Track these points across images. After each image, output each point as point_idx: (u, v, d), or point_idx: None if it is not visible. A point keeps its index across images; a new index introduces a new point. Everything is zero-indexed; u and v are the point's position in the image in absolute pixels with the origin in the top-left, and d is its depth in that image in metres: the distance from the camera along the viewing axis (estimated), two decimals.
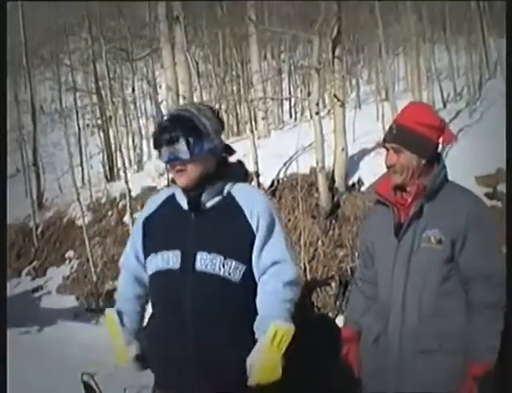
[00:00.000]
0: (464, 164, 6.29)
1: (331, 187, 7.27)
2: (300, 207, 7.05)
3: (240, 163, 2.48)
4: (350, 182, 7.47)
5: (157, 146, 2.31)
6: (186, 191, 2.33)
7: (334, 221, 7.05)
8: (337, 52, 7.20)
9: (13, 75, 14.49)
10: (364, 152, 8.28)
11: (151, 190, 9.60)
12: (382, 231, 2.45)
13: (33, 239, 10.69)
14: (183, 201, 2.35)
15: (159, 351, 2.35)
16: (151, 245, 2.39)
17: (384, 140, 2.45)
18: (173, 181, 2.39)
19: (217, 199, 2.33)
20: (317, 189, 7.24)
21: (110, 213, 10.03)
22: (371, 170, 7.79)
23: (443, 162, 2.46)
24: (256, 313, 2.26)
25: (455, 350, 2.28)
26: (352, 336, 2.57)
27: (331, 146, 7.52)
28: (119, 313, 2.45)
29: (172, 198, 2.42)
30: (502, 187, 6.15)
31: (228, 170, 2.38)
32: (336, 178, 7.32)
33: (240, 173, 2.45)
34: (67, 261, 9.71)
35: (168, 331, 2.30)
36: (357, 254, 6.89)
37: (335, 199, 7.21)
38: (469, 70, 10.54)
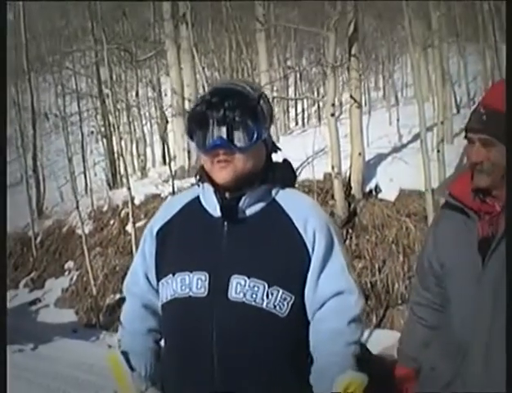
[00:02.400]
0: None
1: (347, 194, 6.87)
2: None
3: (287, 162, 1.89)
4: (367, 189, 7.07)
5: (198, 126, 1.71)
6: (220, 192, 1.75)
7: (350, 230, 6.69)
8: (353, 50, 6.81)
9: (14, 80, 14.14)
10: (380, 157, 7.91)
11: (155, 197, 9.24)
12: (458, 245, 1.88)
13: (31, 249, 10.27)
14: (213, 207, 1.76)
15: None
16: (166, 263, 1.81)
17: (467, 130, 1.84)
18: (202, 179, 1.79)
19: (259, 206, 1.77)
20: (333, 196, 6.84)
21: (111, 222, 9.60)
22: (388, 176, 7.41)
23: None
24: (304, 352, 1.74)
25: None
26: (410, 375, 2.03)
27: (344, 151, 7.12)
28: (126, 354, 1.83)
29: (196, 202, 1.82)
30: None
31: (274, 170, 1.81)
32: (353, 185, 6.94)
33: (289, 176, 1.87)
34: (66, 272, 9.30)
35: (187, 377, 1.75)
36: (383, 266, 6.47)
37: (352, 207, 6.81)
38: (481, 75, 10.27)
